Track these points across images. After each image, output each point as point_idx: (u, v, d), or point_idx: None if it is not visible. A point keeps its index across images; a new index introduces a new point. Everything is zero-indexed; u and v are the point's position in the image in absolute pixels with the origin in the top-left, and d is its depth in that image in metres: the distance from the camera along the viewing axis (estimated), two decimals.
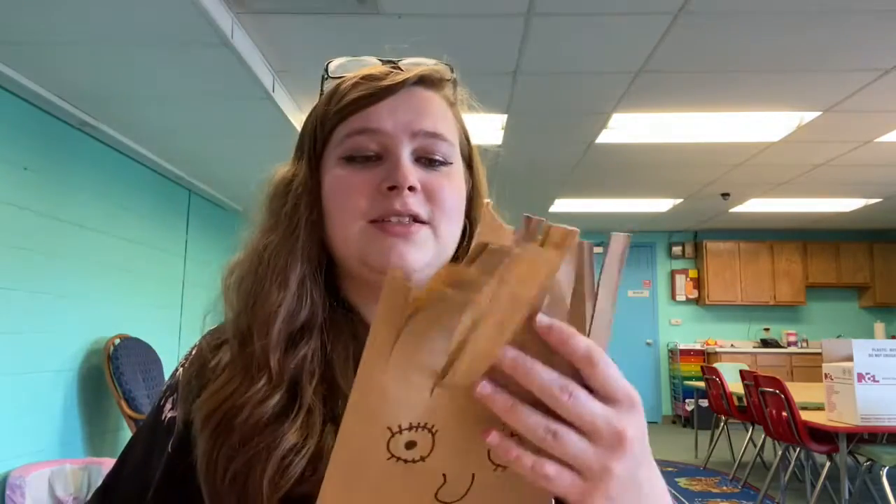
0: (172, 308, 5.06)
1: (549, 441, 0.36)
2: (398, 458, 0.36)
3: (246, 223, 0.65)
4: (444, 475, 0.37)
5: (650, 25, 2.81)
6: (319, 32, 2.85)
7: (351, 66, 0.65)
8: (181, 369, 0.63)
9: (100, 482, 0.64)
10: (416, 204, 0.57)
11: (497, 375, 0.35)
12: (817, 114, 3.86)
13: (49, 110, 3.55)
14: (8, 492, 3.09)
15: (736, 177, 5.36)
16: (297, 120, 3.76)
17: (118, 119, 3.83)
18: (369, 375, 0.34)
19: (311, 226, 0.60)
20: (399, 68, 0.63)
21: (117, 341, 4.00)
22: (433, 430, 0.36)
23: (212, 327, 0.64)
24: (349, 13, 2.67)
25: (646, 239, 8.21)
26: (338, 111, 0.60)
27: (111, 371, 3.86)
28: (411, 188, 0.56)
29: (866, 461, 3.39)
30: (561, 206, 6.50)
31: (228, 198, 5.81)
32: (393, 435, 0.35)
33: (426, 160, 0.59)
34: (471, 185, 0.66)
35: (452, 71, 0.66)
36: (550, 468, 0.36)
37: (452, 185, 0.61)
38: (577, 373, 0.37)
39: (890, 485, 3.28)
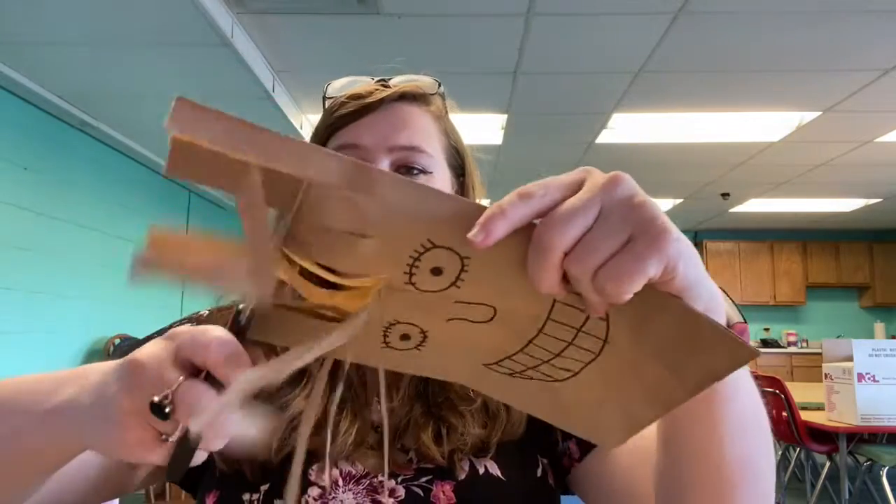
0: (172, 308, 5.06)
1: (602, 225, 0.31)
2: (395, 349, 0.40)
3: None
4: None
5: (650, 25, 2.81)
6: (319, 32, 2.85)
7: (347, 87, 0.70)
8: (206, 312, 0.71)
9: None
10: None
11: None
12: (817, 114, 3.86)
13: (49, 110, 3.55)
14: None
15: (736, 177, 5.36)
16: (297, 120, 3.76)
17: (118, 119, 3.83)
18: None
19: None
20: (387, 86, 0.68)
21: (117, 341, 4.00)
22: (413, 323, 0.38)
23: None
24: (349, 13, 2.67)
25: None
26: (326, 128, 0.67)
27: None
28: None
29: (866, 461, 3.39)
30: None
31: (229, 198, 5.80)
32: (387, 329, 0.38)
33: (405, 169, 0.65)
34: (460, 195, 0.71)
35: (440, 86, 0.71)
36: (645, 256, 0.30)
37: None
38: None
39: (890, 485, 3.28)
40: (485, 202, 0.75)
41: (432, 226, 0.31)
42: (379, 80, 0.69)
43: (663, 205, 6.52)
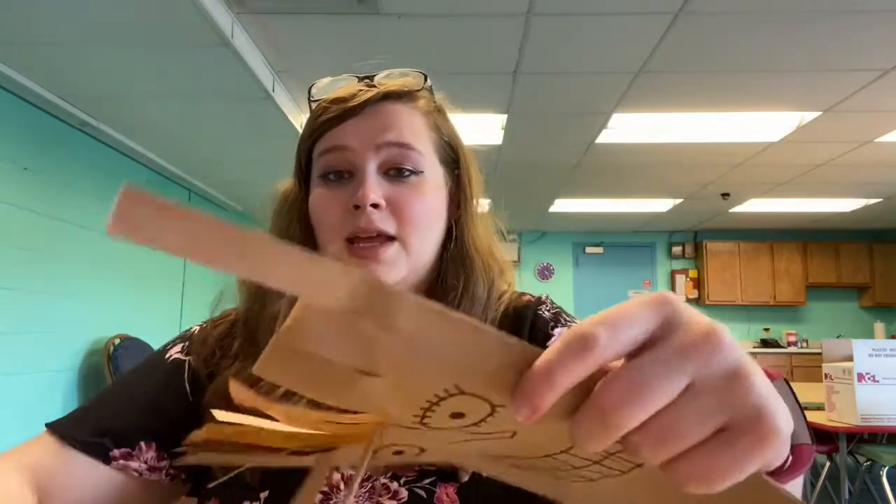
0: (172, 308, 5.05)
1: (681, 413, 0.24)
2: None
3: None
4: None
5: (650, 25, 2.81)
6: (319, 32, 2.85)
7: (330, 87, 0.68)
8: (197, 328, 0.70)
9: None
10: (380, 220, 0.60)
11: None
12: (817, 114, 3.86)
13: (49, 110, 3.55)
14: None
15: (736, 177, 5.36)
16: (297, 120, 3.76)
17: (118, 119, 3.82)
18: None
19: (304, 240, 0.66)
20: (372, 85, 0.66)
21: (117, 341, 4.00)
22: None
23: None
24: (349, 13, 2.67)
25: (646, 239, 8.21)
26: (310, 133, 0.65)
27: (111, 371, 3.86)
28: (375, 205, 0.60)
29: (866, 461, 3.39)
30: (561, 206, 6.50)
31: (228, 198, 5.81)
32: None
33: (395, 171, 0.62)
34: (455, 189, 0.69)
35: (427, 80, 0.68)
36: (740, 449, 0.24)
37: (422, 196, 0.63)
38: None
39: (890, 485, 3.28)
40: (483, 202, 0.75)
41: (465, 371, 0.24)
42: (363, 79, 0.67)
43: (663, 205, 6.52)
